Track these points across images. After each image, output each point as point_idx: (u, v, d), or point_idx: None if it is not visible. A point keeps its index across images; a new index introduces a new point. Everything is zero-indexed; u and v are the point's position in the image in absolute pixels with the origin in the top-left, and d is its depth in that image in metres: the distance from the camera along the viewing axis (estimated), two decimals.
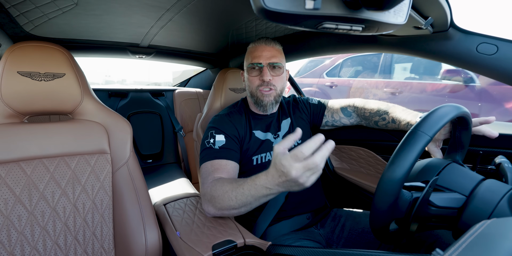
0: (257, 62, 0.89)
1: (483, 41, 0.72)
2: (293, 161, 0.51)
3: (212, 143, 0.84)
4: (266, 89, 0.89)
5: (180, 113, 1.83)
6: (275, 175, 0.56)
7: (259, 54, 0.89)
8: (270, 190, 0.59)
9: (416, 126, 0.52)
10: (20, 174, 0.65)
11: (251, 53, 0.92)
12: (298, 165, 0.51)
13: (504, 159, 0.64)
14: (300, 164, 0.51)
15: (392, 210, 0.51)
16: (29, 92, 0.66)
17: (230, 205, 0.67)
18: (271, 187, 0.58)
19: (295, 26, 0.34)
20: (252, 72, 0.91)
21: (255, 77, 0.90)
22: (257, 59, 0.89)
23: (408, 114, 0.85)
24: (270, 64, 0.89)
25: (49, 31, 1.00)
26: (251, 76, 0.91)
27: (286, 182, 0.54)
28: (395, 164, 0.49)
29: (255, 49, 0.92)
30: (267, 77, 0.88)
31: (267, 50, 0.90)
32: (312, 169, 0.51)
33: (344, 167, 1.28)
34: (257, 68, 0.90)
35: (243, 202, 0.64)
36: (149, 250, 0.73)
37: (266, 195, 0.61)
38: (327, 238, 0.92)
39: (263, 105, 0.91)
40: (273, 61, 0.89)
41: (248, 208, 0.67)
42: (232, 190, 0.66)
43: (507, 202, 0.48)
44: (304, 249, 0.63)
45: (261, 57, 0.89)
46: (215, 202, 0.70)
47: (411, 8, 0.51)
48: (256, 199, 0.63)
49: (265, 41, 0.92)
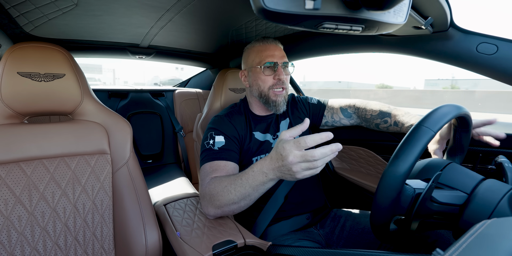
0: (273, 61, 0.87)
1: (483, 41, 0.72)
2: (294, 147, 0.53)
3: (211, 144, 0.84)
4: (279, 89, 0.89)
5: (180, 114, 1.83)
6: (274, 158, 0.57)
7: (272, 53, 0.88)
8: (266, 175, 0.60)
9: (420, 121, 0.52)
10: (20, 175, 0.65)
11: (262, 51, 0.89)
12: (297, 152, 0.52)
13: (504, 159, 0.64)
14: (299, 152, 0.52)
15: (394, 205, 0.51)
16: (29, 93, 0.66)
17: (229, 199, 0.67)
18: (267, 171, 0.60)
19: (295, 26, 0.34)
20: (267, 71, 0.88)
21: (269, 76, 0.88)
22: (271, 58, 0.88)
23: (412, 118, 0.85)
24: (284, 63, 0.89)
25: (49, 31, 1.00)
26: (264, 75, 0.89)
27: (282, 167, 0.56)
28: (399, 158, 0.49)
29: (265, 48, 0.90)
30: (283, 76, 0.87)
31: (278, 49, 0.90)
32: (309, 162, 0.52)
33: (344, 167, 1.28)
34: (271, 68, 0.88)
35: (242, 193, 0.65)
36: (149, 250, 0.73)
37: (263, 182, 0.62)
38: (327, 239, 0.92)
39: (277, 104, 0.89)
40: (285, 60, 0.89)
41: (247, 202, 0.67)
42: (230, 184, 0.67)
43: (507, 202, 0.48)
44: (304, 249, 0.63)
45: (274, 56, 0.88)
46: (215, 199, 0.70)
47: (411, 8, 0.51)
48: (253, 188, 0.63)
49: (273, 40, 0.91)
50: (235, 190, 0.65)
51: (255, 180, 0.62)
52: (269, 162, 0.59)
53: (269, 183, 0.62)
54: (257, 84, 0.91)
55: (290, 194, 0.91)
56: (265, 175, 0.61)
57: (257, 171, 0.62)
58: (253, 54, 0.92)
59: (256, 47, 0.92)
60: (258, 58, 0.90)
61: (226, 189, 0.67)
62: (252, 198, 0.66)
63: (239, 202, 0.67)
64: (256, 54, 0.91)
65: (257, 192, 0.64)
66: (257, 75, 0.90)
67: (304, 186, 0.95)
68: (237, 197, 0.66)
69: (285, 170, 0.56)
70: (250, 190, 0.64)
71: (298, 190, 0.93)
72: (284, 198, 0.90)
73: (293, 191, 0.92)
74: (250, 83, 0.94)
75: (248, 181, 0.63)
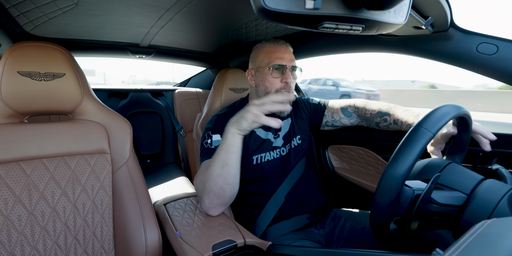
0: (282, 64, 0.87)
1: (483, 41, 0.72)
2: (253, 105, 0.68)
3: (209, 143, 0.85)
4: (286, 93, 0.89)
5: (180, 113, 1.83)
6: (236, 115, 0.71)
7: (282, 55, 0.88)
8: (226, 132, 0.72)
9: (419, 123, 0.52)
10: (20, 174, 0.65)
11: (272, 53, 0.89)
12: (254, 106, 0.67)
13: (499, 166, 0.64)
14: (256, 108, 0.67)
15: (394, 206, 0.51)
16: (29, 92, 0.66)
17: (212, 172, 0.72)
18: (226, 128, 0.72)
19: (295, 26, 0.34)
20: (275, 73, 0.88)
21: (277, 78, 0.88)
22: (280, 61, 0.87)
23: (410, 115, 0.85)
24: (292, 67, 0.88)
25: (49, 31, 1.00)
26: (273, 77, 0.88)
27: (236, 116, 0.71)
28: (398, 160, 0.49)
29: (275, 49, 0.89)
30: (291, 80, 0.87)
31: (288, 52, 0.89)
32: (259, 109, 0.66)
33: (344, 167, 1.28)
34: (280, 70, 0.88)
35: (219, 161, 0.72)
36: (149, 250, 0.73)
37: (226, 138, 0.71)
38: (327, 238, 0.92)
39: None
40: (294, 64, 0.89)
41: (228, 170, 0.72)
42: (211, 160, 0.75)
43: (507, 202, 0.48)
44: (304, 249, 0.63)
45: (284, 59, 0.87)
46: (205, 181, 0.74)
47: (411, 8, 0.51)
48: (225, 150, 0.71)
49: (284, 42, 0.91)
50: (213, 160, 0.73)
51: (222, 141, 0.72)
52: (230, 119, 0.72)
53: (232, 138, 0.71)
54: (264, 85, 0.90)
55: (290, 194, 0.91)
56: (225, 132, 0.72)
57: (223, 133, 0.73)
58: (262, 54, 0.91)
59: (266, 48, 0.91)
60: (267, 59, 0.89)
61: (209, 167, 0.74)
62: (230, 163, 0.72)
63: (221, 173, 0.72)
64: (266, 55, 0.90)
65: (228, 153, 0.71)
66: (265, 76, 0.89)
67: (304, 186, 0.95)
68: (216, 166, 0.72)
69: (240, 115, 0.68)
70: (223, 154, 0.71)
71: (298, 190, 0.93)
72: (284, 198, 0.90)
73: (293, 191, 0.92)
74: (256, 82, 0.93)
75: (219, 146, 0.73)
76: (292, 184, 0.92)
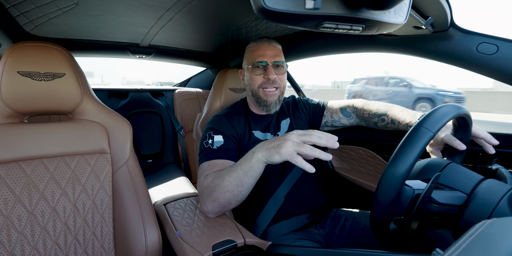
0: (262, 61, 0.88)
1: (483, 41, 0.72)
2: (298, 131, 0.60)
3: (210, 143, 0.85)
4: (271, 89, 0.89)
5: (180, 113, 1.83)
6: (271, 139, 0.64)
7: (263, 53, 0.89)
8: (253, 153, 0.65)
9: (419, 122, 0.52)
10: (20, 174, 0.65)
11: (254, 51, 0.91)
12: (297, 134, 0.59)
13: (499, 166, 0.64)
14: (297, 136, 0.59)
15: (394, 206, 0.51)
16: (29, 92, 0.66)
17: (224, 186, 0.69)
18: (255, 149, 0.65)
19: (295, 26, 0.34)
20: (256, 71, 0.90)
21: (259, 75, 0.90)
22: (261, 58, 0.89)
23: (407, 114, 0.85)
24: (275, 63, 0.89)
25: (49, 31, 1.00)
26: (254, 74, 0.90)
27: (272, 143, 0.62)
28: (398, 159, 0.49)
29: (257, 48, 0.91)
30: (273, 76, 0.88)
31: (270, 49, 0.90)
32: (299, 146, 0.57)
33: (344, 167, 1.28)
34: (261, 67, 0.90)
35: (234, 178, 0.68)
36: (149, 250, 0.73)
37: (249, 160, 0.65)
38: (327, 238, 0.92)
39: (267, 104, 0.90)
40: (277, 60, 0.89)
41: (240, 189, 0.69)
42: (226, 171, 0.71)
43: (507, 202, 0.48)
44: (304, 249, 0.63)
45: (265, 56, 0.89)
46: (212, 190, 0.72)
47: (411, 7, 0.51)
48: (244, 171, 0.66)
49: (267, 40, 0.92)
50: (229, 175, 0.69)
51: (245, 160, 0.67)
52: (263, 142, 0.65)
53: (256, 164, 0.65)
54: (249, 83, 0.93)
55: (290, 194, 0.91)
56: (252, 153, 0.65)
57: (249, 152, 0.67)
58: (247, 54, 0.94)
59: (251, 47, 0.94)
60: (251, 58, 0.92)
61: (222, 177, 0.70)
62: (245, 184, 0.68)
63: (232, 190, 0.69)
64: (250, 54, 0.93)
65: (247, 176, 0.66)
66: (250, 75, 0.92)
67: (304, 186, 0.95)
68: (230, 182, 0.68)
69: (275, 145, 0.60)
70: (241, 174, 0.67)
71: (298, 190, 0.93)
72: (284, 198, 0.90)
73: (293, 191, 0.92)
74: (246, 82, 0.96)
75: (240, 163, 0.68)
76: (292, 184, 0.92)
